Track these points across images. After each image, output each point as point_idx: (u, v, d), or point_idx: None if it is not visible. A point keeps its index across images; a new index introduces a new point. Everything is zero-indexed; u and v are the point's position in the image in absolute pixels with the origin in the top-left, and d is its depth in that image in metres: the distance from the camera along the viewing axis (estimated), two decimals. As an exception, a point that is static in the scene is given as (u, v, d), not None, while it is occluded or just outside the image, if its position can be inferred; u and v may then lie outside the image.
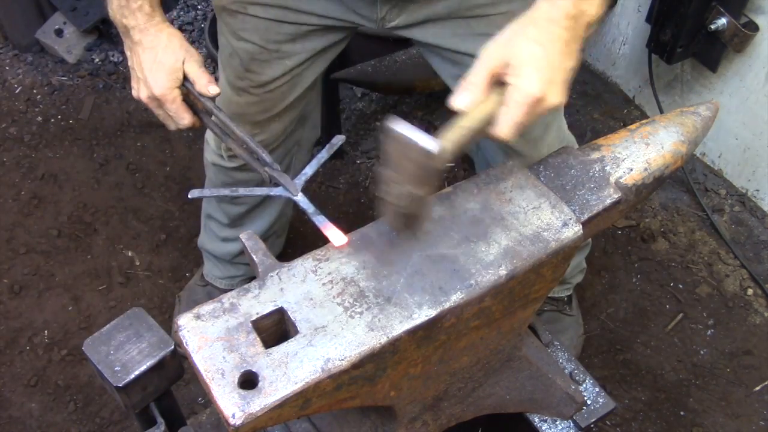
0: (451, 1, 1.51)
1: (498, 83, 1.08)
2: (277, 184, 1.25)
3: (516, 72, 1.06)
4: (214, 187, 2.02)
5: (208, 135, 1.94)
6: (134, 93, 1.40)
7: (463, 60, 1.63)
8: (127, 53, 1.40)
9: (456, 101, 1.07)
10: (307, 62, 1.66)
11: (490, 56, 1.08)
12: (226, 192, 1.33)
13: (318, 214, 1.15)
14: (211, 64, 2.98)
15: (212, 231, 2.16)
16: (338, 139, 1.30)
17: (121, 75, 3.00)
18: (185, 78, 1.36)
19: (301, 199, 1.21)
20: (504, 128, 1.07)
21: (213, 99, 1.36)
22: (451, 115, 1.07)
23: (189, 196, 1.27)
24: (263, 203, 2.06)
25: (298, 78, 1.69)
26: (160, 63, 1.34)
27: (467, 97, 1.07)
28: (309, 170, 1.25)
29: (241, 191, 1.28)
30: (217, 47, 2.56)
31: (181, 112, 1.37)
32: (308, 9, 1.54)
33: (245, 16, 1.57)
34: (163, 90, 1.34)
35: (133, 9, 1.33)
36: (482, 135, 1.08)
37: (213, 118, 1.37)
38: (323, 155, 1.28)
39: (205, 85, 1.35)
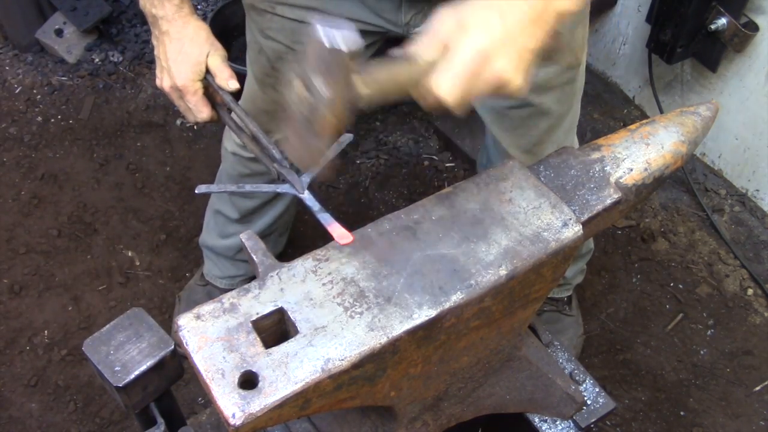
0: None
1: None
2: (285, 181, 1.25)
3: (465, 31, 0.97)
4: (229, 176, 2.01)
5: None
6: (158, 82, 1.42)
7: None
8: (154, 42, 1.42)
9: (408, 49, 0.99)
10: None
11: (442, 18, 0.99)
12: (232, 188, 1.33)
13: (323, 212, 1.15)
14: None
15: (218, 227, 2.16)
16: (346, 138, 1.29)
17: (121, 75, 3.00)
18: (207, 71, 1.38)
19: (307, 197, 1.20)
20: (442, 82, 0.97)
21: (232, 94, 1.37)
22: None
23: (196, 191, 1.28)
24: (275, 198, 2.06)
25: None
26: (185, 54, 1.36)
27: (420, 47, 0.99)
28: (317, 169, 1.25)
29: (248, 188, 1.28)
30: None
31: (200, 105, 1.38)
32: (335, 11, 1.54)
33: (273, 16, 1.58)
34: (186, 81, 1.36)
35: None
36: (414, 87, 1.00)
37: (230, 111, 1.38)
38: (330, 155, 1.27)
39: (225, 78, 1.36)
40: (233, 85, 1.36)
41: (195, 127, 2.84)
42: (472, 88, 0.99)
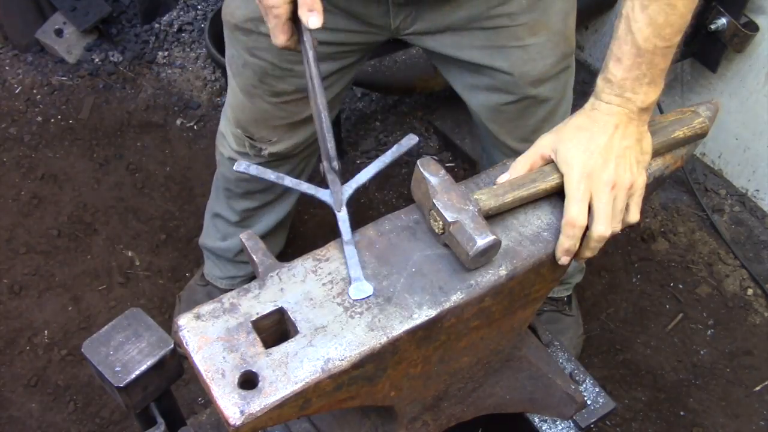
0: (469, 11, 1.50)
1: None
2: (326, 186, 1.11)
3: (598, 189, 1.14)
4: (227, 180, 1.97)
5: (224, 129, 1.87)
6: None
7: (481, 71, 1.62)
8: None
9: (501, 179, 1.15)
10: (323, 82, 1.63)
11: (543, 147, 1.16)
12: (271, 176, 1.15)
13: (351, 244, 1.05)
14: (210, 64, 2.98)
15: (217, 229, 2.15)
16: (409, 140, 1.13)
17: (121, 75, 3.00)
18: None
19: (342, 217, 1.08)
20: (560, 255, 1.13)
21: (310, 31, 1.23)
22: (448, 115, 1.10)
23: (234, 168, 1.13)
24: (275, 200, 2.02)
25: None
26: None
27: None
28: (363, 177, 1.12)
29: (287, 181, 1.12)
30: (217, 48, 2.56)
31: (276, 30, 1.25)
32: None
33: (258, 35, 1.56)
34: (273, 1, 1.23)
35: None
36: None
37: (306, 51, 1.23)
38: (388, 158, 1.12)
39: (308, 5, 1.20)
40: (314, 21, 1.19)
41: (195, 126, 2.84)
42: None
